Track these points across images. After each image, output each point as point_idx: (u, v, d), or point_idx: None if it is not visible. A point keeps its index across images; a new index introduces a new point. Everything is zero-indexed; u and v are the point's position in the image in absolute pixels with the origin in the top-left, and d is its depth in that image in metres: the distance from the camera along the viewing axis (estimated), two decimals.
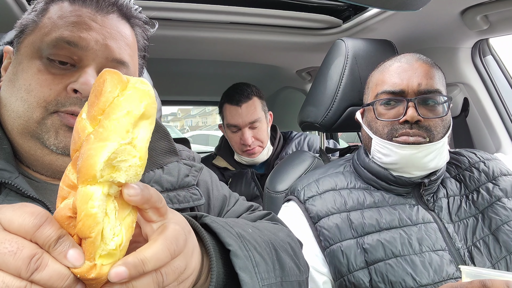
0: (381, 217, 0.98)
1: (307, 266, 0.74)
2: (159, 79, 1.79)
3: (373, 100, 1.05)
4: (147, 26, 0.76)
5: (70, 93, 0.60)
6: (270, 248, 0.63)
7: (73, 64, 0.62)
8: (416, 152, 0.96)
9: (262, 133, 1.77)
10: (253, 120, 1.73)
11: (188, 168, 0.78)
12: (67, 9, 0.63)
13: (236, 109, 1.73)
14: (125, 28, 0.68)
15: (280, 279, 0.61)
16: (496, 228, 0.96)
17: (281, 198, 1.24)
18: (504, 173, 1.07)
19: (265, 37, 1.67)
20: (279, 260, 0.63)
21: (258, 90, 1.82)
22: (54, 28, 0.62)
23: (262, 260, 0.59)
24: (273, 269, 0.60)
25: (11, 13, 1.20)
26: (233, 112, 1.74)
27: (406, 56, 1.05)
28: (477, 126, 1.50)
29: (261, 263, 0.58)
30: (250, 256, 0.56)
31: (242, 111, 1.72)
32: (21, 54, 0.63)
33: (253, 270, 0.55)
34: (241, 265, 0.54)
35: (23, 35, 0.65)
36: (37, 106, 0.59)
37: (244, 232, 0.60)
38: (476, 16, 1.23)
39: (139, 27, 0.74)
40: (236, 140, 1.78)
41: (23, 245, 0.35)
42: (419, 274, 0.89)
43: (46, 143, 0.60)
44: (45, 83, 0.60)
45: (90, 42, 0.62)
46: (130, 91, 0.40)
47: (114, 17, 0.67)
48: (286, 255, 0.67)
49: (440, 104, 0.99)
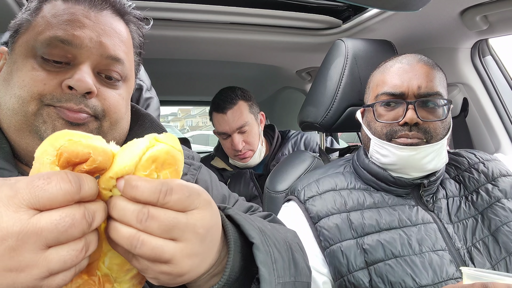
0: (381, 217, 0.98)
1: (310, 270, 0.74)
2: (159, 79, 1.79)
3: (374, 100, 1.05)
4: (141, 23, 0.76)
5: (65, 90, 0.60)
6: (287, 246, 0.63)
7: (68, 62, 0.62)
8: (414, 154, 0.96)
9: (252, 136, 1.75)
10: (240, 126, 1.70)
11: (187, 166, 0.78)
12: (60, 7, 0.63)
13: (222, 116, 1.72)
14: (119, 25, 0.68)
15: (294, 278, 0.61)
16: (496, 229, 0.96)
17: (281, 198, 1.24)
18: (503, 174, 1.07)
19: (265, 37, 1.67)
20: (294, 259, 0.63)
21: (244, 93, 1.78)
22: (47, 26, 0.61)
23: (280, 257, 0.58)
24: (288, 267, 0.60)
25: (11, 13, 1.20)
26: (220, 120, 1.73)
27: (407, 57, 1.04)
28: (476, 126, 1.50)
29: (279, 260, 0.57)
30: (270, 251, 0.55)
31: (228, 118, 1.70)
32: (16, 53, 0.63)
33: (272, 266, 0.54)
34: (262, 259, 0.53)
35: (17, 35, 0.65)
36: (31, 100, 0.59)
37: (265, 228, 0.60)
38: (475, 16, 1.23)
39: (134, 24, 0.73)
40: (228, 146, 1.78)
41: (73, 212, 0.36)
42: (419, 274, 0.89)
43: (44, 136, 0.59)
44: (39, 79, 0.59)
45: (84, 40, 0.61)
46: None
47: (108, 13, 0.66)
48: (299, 255, 0.67)
49: (440, 107, 0.99)
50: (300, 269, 0.64)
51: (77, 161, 0.39)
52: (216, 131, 1.79)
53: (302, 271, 0.65)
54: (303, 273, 0.65)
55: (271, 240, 0.58)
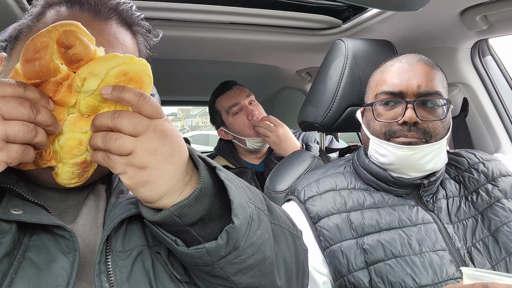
0: (381, 217, 0.98)
1: (301, 232, 0.73)
2: (159, 79, 1.78)
3: (373, 100, 1.05)
4: (150, 35, 0.74)
5: None
6: (260, 194, 0.64)
7: None
8: (413, 153, 0.96)
9: (261, 110, 1.82)
10: (248, 94, 1.81)
11: None
12: (63, 14, 0.62)
13: (229, 92, 1.82)
14: (124, 35, 0.66)
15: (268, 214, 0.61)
16: (496, 229, 0.96)
17: (281, 198, 1.24)
18: (503, 174, 1.07)
19: (265, 37, 1.67)
20: (268, 204, 0.64)
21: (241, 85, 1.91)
22: None
23: (249, 189, 0.59)
24: (260, 202, 0.61)
25: (11, 13, 1.20)
26: (228, 95, 1.81)
27: (407, 56, 1.04)
28: (476, 126, 1.50)
29: (247, 190, 0.59)
30: (234, 179, 0.57)
31: (235, 91, 1.81)
32: (13, 60, 0.62)
33: (239, 186, 0.56)
34: (225, 176, 0.55)
35: (16, 41, 0.64)
36: None
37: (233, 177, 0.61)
38: (475, 16, 1.23)
39: (141, 35, 0.72)
40: (242, 120, 1.77)
41: (23, 101, 0.46)
42: (419, 274, 0.89)
43: None
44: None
45: None
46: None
47: (114, 23, 0.65)
48: (279, 209, 0.68)
49: (439, 106, 0.99)
50: (278, 216, 0.64)
51: (66, 44, 0.48)
52: (228, 106, 1.80)
53: (281, 218, 0.65)
54: (283, 220, 0.65)
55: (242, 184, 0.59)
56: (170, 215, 0.52)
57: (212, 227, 0.55)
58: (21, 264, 0.51)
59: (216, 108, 1.86)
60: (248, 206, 0.55)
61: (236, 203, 0.53)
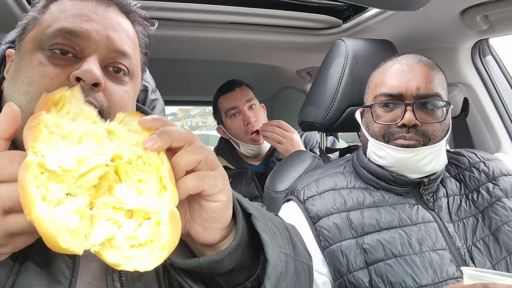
0: (381, 216, 0.98)
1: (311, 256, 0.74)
2: (159, 79, 1.78)
3: (372, 101, 1.05)
4: (147, 23, 0.76)
5: (73, 82, 0.59)
6: (283, 227, 0.64)
7: (75, 55, 0.61)
8: (411, 156, 0.96)
9: (260, 116, 1.80)
10: (249, 98, 1.79)
11: None
12: (67, 4, 0.64)
13: (231, 93, 1.80)
14: (125, 22, 0.69)
15: (293, 255, 0.61)
16: (496, 229, 0.96)
17: (281, 198, 1.24)
18: (504, 173, 1.07)
19: (265, 37, 1.67)
20: (291, 240, 0.63)
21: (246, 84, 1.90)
22: (55, 20, 0.61)
23: (278, 232, 0.58)
24: (287, 243, 0.60)
25: (11, 13, 1.20)
26: (229, 96, 1.80)
27: (407, 57, 1.04)
28: (477, 126, 1.50)
29: (278, 234, 0.58)
30: (268, 224, 0.56)
31: (237, 93, 1.79)
32: (23, 50, 0.63)
33: (271, 235, 0.55)
34: (261, 227, 0.54)
35: (24, 32, 0.65)
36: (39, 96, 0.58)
37: (261, 209, 0.61)
38: (476, 16, 1.23)
39: (139, 24, 0.73)
40: (239, 124, 1.77)
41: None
42: (419, 274, 0.89)
43: None
44: (47, 74, 0.59)
45: (91, 32, 0.61)
46: None
47: (114, 10, 0.67)
48: (296, 239, 0.67)
49: (439, 108, 0.98)
50: (299, 251, 0.64)
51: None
52: (226, 108, 1.80)
53: (301, 252, 0.65)
54: (302, 254, 0.65)
55: (267, 217, 0.59)
56: (199, 266, 0.51)
57: (240, 276, 0.54)
58: (23, 265, 0.52)
59: (218, 106, 1.86)
60: (280, 260, 0.54)
61: (272, 264, 0.51)
